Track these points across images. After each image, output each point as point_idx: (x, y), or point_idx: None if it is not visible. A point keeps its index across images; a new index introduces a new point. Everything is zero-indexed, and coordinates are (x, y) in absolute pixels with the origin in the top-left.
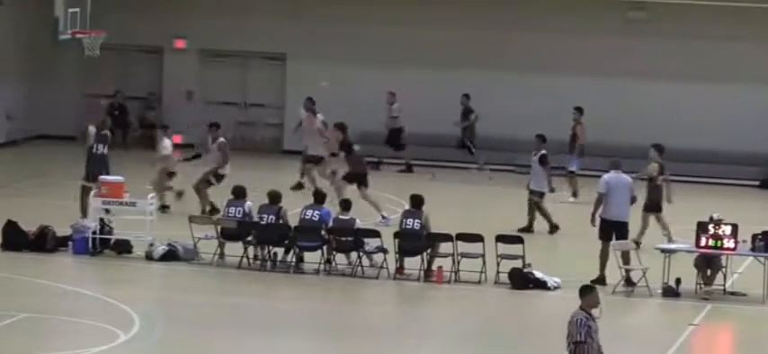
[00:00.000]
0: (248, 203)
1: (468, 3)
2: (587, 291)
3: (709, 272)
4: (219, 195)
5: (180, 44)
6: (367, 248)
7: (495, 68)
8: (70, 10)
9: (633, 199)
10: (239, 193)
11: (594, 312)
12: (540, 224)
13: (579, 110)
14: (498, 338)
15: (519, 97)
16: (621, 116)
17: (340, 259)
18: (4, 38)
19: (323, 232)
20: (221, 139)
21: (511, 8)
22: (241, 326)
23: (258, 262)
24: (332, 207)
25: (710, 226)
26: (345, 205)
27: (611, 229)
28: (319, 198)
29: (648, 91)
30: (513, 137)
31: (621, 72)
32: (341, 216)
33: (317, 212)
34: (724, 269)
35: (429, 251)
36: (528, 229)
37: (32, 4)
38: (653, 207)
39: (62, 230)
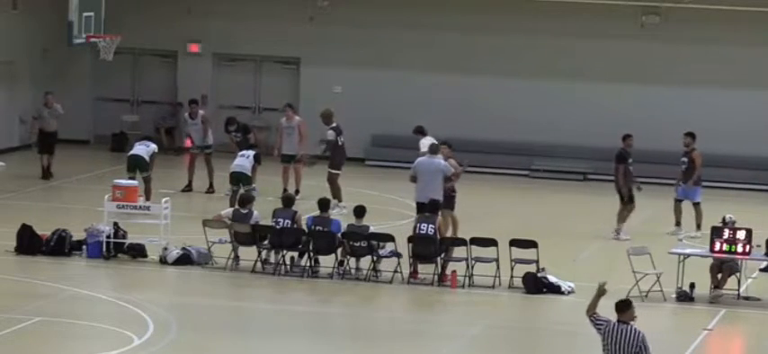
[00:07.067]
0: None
1: (483, 8)
2: (629, 306)
3: (720, 276)
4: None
5: (194, 48)
6: (381, 252)
7: (509, 74)
8: (84, 14)
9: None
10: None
11: (633, 324)
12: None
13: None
14: (512, 342)
15: (534, 102)
16: (635, 121)
17: (353, 263)
18: (19, 41)
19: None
20: (202, 112)
21: (526, 14)
22: (255, 330)
23: (272, 266)
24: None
25: (725, 230)
26: (359, 211)
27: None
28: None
29: (663, 96)
30: (530, 143)
31: (636, 77)
32: (355, 223)
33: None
34: (738, 275)
35: (443, 255)
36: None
37: (47, 7)
38: None
39: (76, 234)
